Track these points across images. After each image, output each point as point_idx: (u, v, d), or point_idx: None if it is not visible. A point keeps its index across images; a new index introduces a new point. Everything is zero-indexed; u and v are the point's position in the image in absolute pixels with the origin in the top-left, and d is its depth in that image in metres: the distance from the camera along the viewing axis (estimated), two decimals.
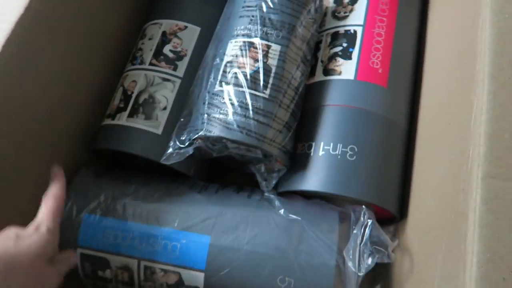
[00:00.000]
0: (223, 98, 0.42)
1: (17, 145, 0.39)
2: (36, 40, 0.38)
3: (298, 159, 0.45)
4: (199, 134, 0.41)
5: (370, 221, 0.40)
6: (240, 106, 0.41)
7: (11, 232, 0.32)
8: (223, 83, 0.43)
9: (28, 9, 0.36)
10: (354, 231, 0.40)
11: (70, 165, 0.47)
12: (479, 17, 0.32)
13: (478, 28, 0.32)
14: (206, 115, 0.41)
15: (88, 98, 0.49)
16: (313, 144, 0.45)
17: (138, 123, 0.45)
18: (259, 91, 0.42)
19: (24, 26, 0.36)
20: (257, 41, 0.43)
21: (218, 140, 0.41)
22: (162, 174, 0.47)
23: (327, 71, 0.48)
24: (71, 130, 0.47)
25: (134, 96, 0.47)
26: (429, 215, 0.38)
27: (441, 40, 0.46)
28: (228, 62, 0.44)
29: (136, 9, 0.55)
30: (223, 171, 0.52)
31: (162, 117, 0.46)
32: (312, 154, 0.44)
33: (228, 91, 0.42)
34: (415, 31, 0.51)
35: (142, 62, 0.49)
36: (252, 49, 0.43)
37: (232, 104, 0.41)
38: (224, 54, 0.44)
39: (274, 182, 0.45)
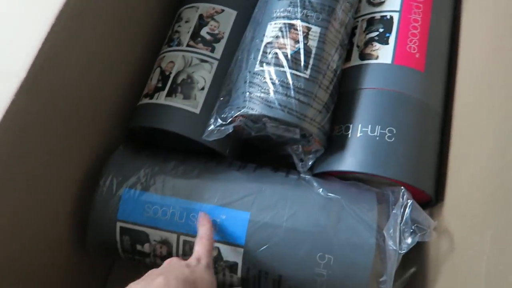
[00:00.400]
0: (264, 77, 0.42)
1: (62, 122, 0.40)
2: (78, 24, 0.39)
3: (335, 141, 0.45)
4: (242, 111, 0.41)
5: (410, 201, 0.40)
6: (281, 85, 0.42)
7: (178, 261, 0.35)
8: (264, 63, 0.43)
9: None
10: (394, 211, 0.40)
11: (108, 144, 0.48)
12: None
13: None
14: (248, 93, 0.42)
15: (124, 79, 0.50)
16: (351, 126, 0.45)
17: (177, 102, 0.46)
18: (300, 71, 0.42)
19: (68, 11, 0.36)
20: (297, 23, 0.44)
21: (259, 118, 0.42)
22: (198, 154, 0.48)
23: (363, 56, 0.48)
24: (109, 110, 0.48)
25: (172, 76, 0.47)
26: (471, 194, 0.38)
27: (478, 24, 0.47)
28: (268, 43, 0.44)
29: None
30: (255, 153, 0.52)
31: (200, 96, 0.46)
32: (349, 135, 0.44)
33: (269, 71, 0.42)
34: (450, 15, 0.51)
35: (179, 44, 0.49)
36: (292, 30, 0.44)
37: (273, 83, 0.42)
38: (263, 35, 0.45)
39: (310, 163, 0.45)
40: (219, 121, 0.42)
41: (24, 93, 0.33)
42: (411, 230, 0.39)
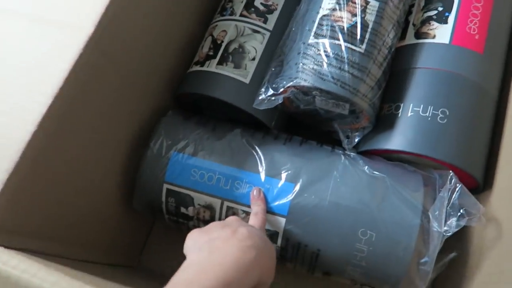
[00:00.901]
0: (318, 49, 0.42)
1: (120, 81, 0.41)
2: None
3: (383, 119, 0.45)
4: (294, 82, 0.41)
5: (459, 185, 0.39)
6: (336, 59, 0.41)
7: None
8: (319, 36, 0.43)
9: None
10: (441, 194, 0.40)
11: (158, 108, 0.49)
12: None
13: None
14: (301, 64, 0.42)
15: (177, 45, 0.50)
16: (401, 105, 0.44)
17: (228, 71, 0.46)
18: (355, 45, 0.42)
19: None
20: None
21: (310, 90, 0.41)
22: (243, 124, 0.48)
23: (419, 35, 0.47)
24: (161, 74, 0.49)
25: (224, 45, 0.47)
26: None
27: None
28: (324, 15, 0.44)
29: None
30: (300, 128, 0.52)
31: (251, 67, 0.46)
32: (400, 114, 0.44)
33: (324, 43, 0.42)
34: None
35: (232, 13, 0.49)
36: (350, 3, 0.43)
37: (327, 56, 0.41)
38: (320, 7, 0.44)
39: (357, 140, 0.45)
40: (270, 91, 0.42)
41: (90, 47, 0.34)
42: (459, 214, 0.38)
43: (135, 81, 0.44)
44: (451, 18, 0.46)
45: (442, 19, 0.46)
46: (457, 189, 0.40)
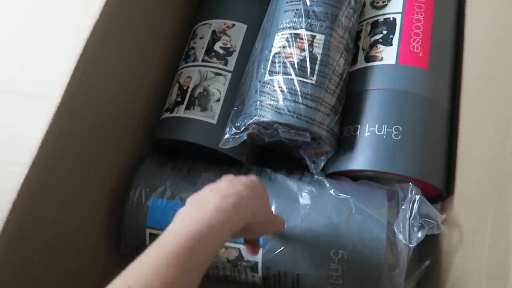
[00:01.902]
0: (273, 86, 0.45)
1: (93, 131, 0.44)
2: (107, 49, 0.43)
3: (344, 142, 0.48)
4: (253, 119, 0.44)
5: (418, 196, 0.42)
6: (290, 93, 0.44)
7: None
8: (273, 73, 0.46)
9: (97, 25, 0.40)
10: (403, 207, 0.42)
11: (136, 155, 0.52)
12: None
13: None
14: (258, 102, 0.45)
15: (148, 96, 0.54)
16: (359, 126, 0.47)
17: (195, 114, 0.49)
18: (306, 78, 0.45)
19: (96, 38, 0.41)
20: (302, 32, 0.46)
21: (270, 124, 0.44)
22: (217, 161, 0.51)
23: (368, 58, 0.50)
24: (135, 125, 0.52)
25: (190, 90, 0.51)
26: (476, 184, 0.39)
27: (481, 18, 0.48)
28: (276, 53, 0.47)
29: (186, 13, 0.60)
30: (272, 157, 0.55)
31: (216, 108, 0.49)
32: (358, 135, 0.47)
33: (278, 79, 0.45)
34: (454, 12, 0.53)
35: (195, 59, 0.53)
36: (298, 40, 0.46)
37: (282, 91, 0.45)
38: (272, 46, 0.48)
39: (322, 164, 0.48)
40: (234, 130, 0.45)
41: (60, 114, 0.37)
42: (419, 224, 0.41)
43: (110, 135, 0.47)
44: (395, 40, 0.49)
45: (387, 41, 0.50)
46: (417, 199, 0.42)
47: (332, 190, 0.45)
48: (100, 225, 0.48)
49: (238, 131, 0.45)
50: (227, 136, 0.45)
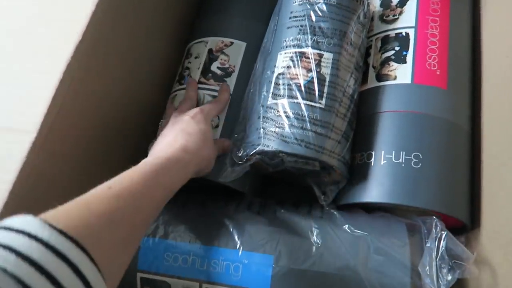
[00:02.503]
0: (278, 111, 0.41)
1: (74, 166, 0.39)
2: (94, 67, 0.39)
3: (357, 170, 0.43)
4: (257, 149, 0.39)
5: (444, 233, 0.37)
6: (296, 118, 0.40)
7: (180, 114, 0.43)
8: (277, 96, 0.42)
9: (79, 47, 0.36)
10: (428, 244, 0.37)
11: None
12: None
13: None
14: (262, 130, 0.40)
15: (138, 122, 0.49)
16: (373, 153, 0.43)
17: None
18: (314, 102, 0.40)
19: (83, 54, 0.36)
20: (308, 50, 0.42)
21: (276, 154, 0.40)
22: (216, 191, 0.46)
23: (380, 77, 0.46)
24: (120, 152, 0.47)
25: None
26: (510, 216, 0.34)
27: (498, 30, 0.44)
28: (279, 74, 0.43)
29: (179, 30, 0.55)
30: (276, 185, 0.51)
31: (215, 135, 0.45)
32: (372, 163, 0.42)
33: (282, 103, 0.41)
34: (469, 27, 0.49)
35: None
36: (304, 59, 0.42)
37: (288, 117, 0.40)
38: (274, 66, 0.43)
39: (333, 195, 0.43)
40: (235, 161, 0.41)
41: (36, 151, 0.32)
42: (449, 266, 0.36)
43: (95, 171, 0.42)
44: (410, 57, 0.45)
45: (400, 58, 0.45)
46: (443, 236, 0.38)
47: (347, 226, 0.40)
48: None
49: (240, 162, 0.40)
50: (228, 168, 0.41)
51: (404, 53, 0.45)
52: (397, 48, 0.46)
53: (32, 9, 0.38)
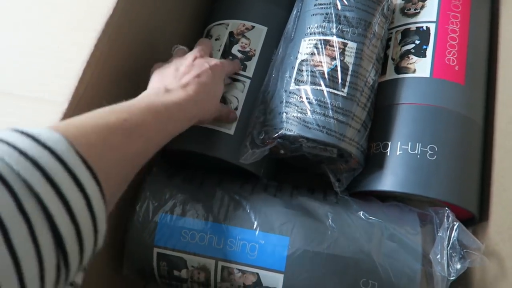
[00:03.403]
0: (301, 96, 0.41)
1: None
2: (121, 43, 0.39)
3: (373, 159, 0.44)
4: (279, 133, 0.40)
5: (456, 224, 0.39)
6: (319, 105, 0.40)
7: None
8: (300, 82, 0.42)
9: (112, 16, 0.36)
10: (439, 234, 0.39)
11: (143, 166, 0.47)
12: None
13: None
14: (284, 114, 0.41)
15: None
16: (389, 143, 0.43)
17: (211, 123, 0.45)
18: (337, 90, 0.41)
19: (112, 29, 0.36)
20: (333, 38, 0.43)
21: (297, 139, 0.40)
22: (231, 172, 0.47)
23: (399, 69, 0.47)
24: None
25: None
26: None
27: None
28: (303, 60, 0.43)
29: (199, 10, 0.55)
30: (289, 171, 0.51)
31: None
32: (388, 153, 0.43)
33: (305, 89, 0.41)
34: (488, 24, 0.50)
35: None
36: (328, 47, 0.42)
37: (310, 103, 0.41)
38: (298, 52, 0.44)
39: (348, 182, 0.44)
40: (256, 144, 0.41)
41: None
42: (460, 256, 0.37)
43: None
44: (429, 51, 0.46)
45: (420, 52, 0.46)
46: (455, 227, 0.39)
47: (361, 213, 0.41)
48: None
49: (260, 145, 0.41)
50: (248, 150, 0.41)
51: (424, 47, 0.46)
52: (417, 42, 0.47)
53: None
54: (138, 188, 0.45)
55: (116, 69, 0.40)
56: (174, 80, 0.38)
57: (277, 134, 0.40)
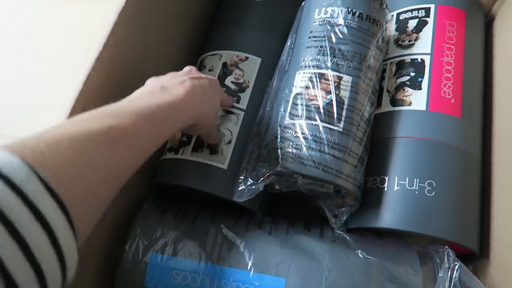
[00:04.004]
0: (296, 131, 0.40)
1: None
2: (107, 75, 0.38)
3: (370, 194, 0.43)
4: (274, 170, 0.39)
5: (457, 264, 0.37)
6: (315, 140, 0.39)
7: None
8: (294, 116, 0.41)
9: (105, 48, 0.35)
10: (440, 274, 0.38)
11: (133, 197, 0.46)
12: None
13: None
14: (279, 150, 0.40)
15: None
16: (386, 178, 0.43)
17: (203, 157, 0.44)
18: (333, 124, 0.40)
19: (100, 63, 0.35)
20: (328, 72, 0.42)
21: (292, 175, 0.39)
22: (225, 207, 0.46)
23: (395, 102, 0.46)
24: None
25: None
26: None
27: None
28: (297, 93, 0.42)
29: (192, 41, 0.55)
30: (284, 205, 0.50)
31: (228, 151, 0.44)
32: (386, 189, 0.42)
33: (300, 124, 0.40)
34: (482, 56, 0.50)
35: None
36: (323, 80, 0.42)
37: (306, 138, 0.40)
38: (292, 85, 0.43)
39: (345, 218, 0.43)
40: (250, 180, 0.40)
41: None
42: None
43: None
44: (425, 84, 0.45)
45: (415, 84, 0.46)
46: (456, 267, 0.38)
47: (359, 251, 0.40)
48: (91, 285, 0.41)
49: (255, 181, 0.40)
50: (242, 187, 0.40)
51: (420, 79, 0.46)
52: (412, 74, 0.46)
53: (57, 16, 0.37)
54: (128, 223, 0.43)
55: (109, 101, 0.38)
56: (172, 79, 0.36)
57: (271, 171, 0.39)
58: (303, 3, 0.49)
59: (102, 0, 0.36)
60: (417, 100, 0.45)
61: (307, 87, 0.42)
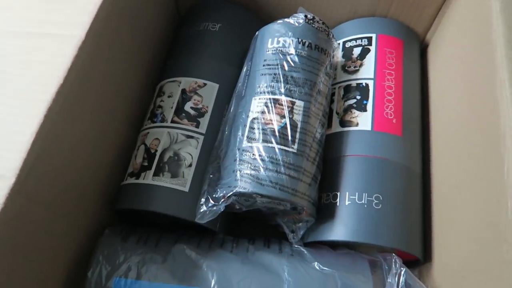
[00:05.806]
0: (253, 154, 0.43)
1: (49, 210, 0.38)
2: (73, 110, 0.38)
3: (324, 210, 0.46)
4: (234, 191, 0.41)
5: (403, 270, 0.41)
6: (271, 162, 0.42)
7: None
8: (252, 140, 0.44)
9: (63, 85, 0.36)
10: (389, 280, 0.41)
11: (95, 225, 0.46)
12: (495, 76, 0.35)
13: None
14: (238, 172, 0.42)
15: (109, 159, 0.49)
16: (338, 194, 0.46)
17: (165, 181, 0.45)
18: (288, 146, 0.43)
19: (63, 98, 0.36)
20: (282, 97, 0.45)
21: (251, 196, 0.42)
22: (186, 229, 0.47)
23: (343, 123, 0.50)
24: (94, 191, 0.46)
25: (158, 154, 0.47)
26: (464, 260, 0.39)
27: (445, 87, 0.50)
28: (254, 118, 0.45)
29: (151, 69, 0.56)
30: (244, 223, 0.52)
31: (188, 174, 0.46)
32: (338, 203, 0.45)
33: (258, 147, 0.43)
34: (419, 81, 0.55)
35: (163, 120, 0.49)
36: (277, 105, 0.45)
37: (263, 160, 0.42)
38: (249, 110, 0.46)
39: (301, 233, 0.46)
40: (211, 202, 0.42)
41: (14, 197, 0.31)
42: None
43: (66, 211, 0.41)
44: (369, 106, 0.50)
45: (361, 107, 0.50)
46: (402, 272, 0.41)
47: (316, 263, 0.42)
48: None
49: (216, 203, 0.42)
50: (203, 209, 0.42)
51: (365, 102, 0.50)
52: (358, 97, 0.51)
53: (14, 50, 0.37)
54: (91, 251, 0.44)
55: (69, 137, 0.39)
56: None
57: (232, 192, 0.41)
58: (257, 33, 0.52)
59: (60, 35, 0.37)
60: (363, 121, 0.49)
61: (263, 112, 0.45)
